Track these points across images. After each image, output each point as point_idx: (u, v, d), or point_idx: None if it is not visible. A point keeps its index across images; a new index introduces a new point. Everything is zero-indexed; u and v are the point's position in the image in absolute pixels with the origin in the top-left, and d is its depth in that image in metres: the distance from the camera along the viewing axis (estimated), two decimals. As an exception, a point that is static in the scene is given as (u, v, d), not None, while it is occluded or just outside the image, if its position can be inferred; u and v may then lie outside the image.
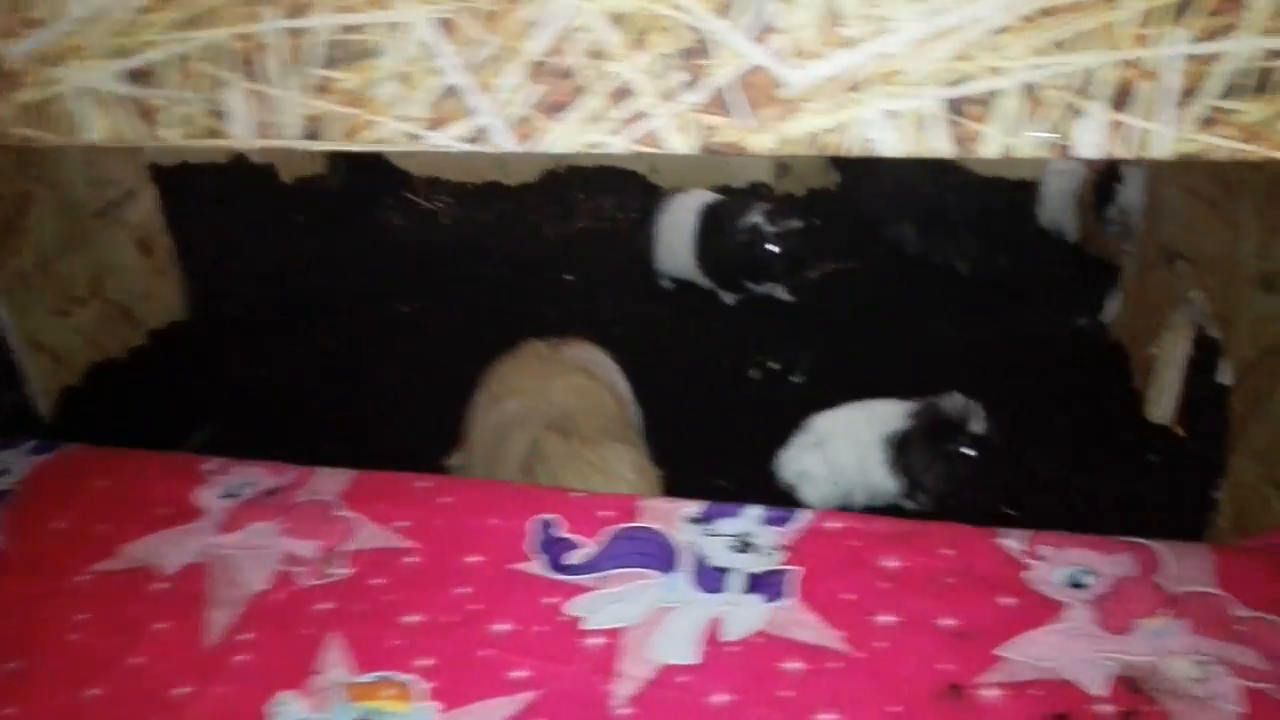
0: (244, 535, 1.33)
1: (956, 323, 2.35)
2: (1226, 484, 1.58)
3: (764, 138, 0.96)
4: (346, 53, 0.98)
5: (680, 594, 1.20)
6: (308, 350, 2.33)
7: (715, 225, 2.33)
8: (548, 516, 1.32)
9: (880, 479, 1.77)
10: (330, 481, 1.41)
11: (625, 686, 1.10)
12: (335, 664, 1.15)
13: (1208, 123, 0.88)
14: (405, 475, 1.42)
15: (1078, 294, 2.37)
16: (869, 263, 2.60)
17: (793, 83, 0.93)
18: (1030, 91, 0.90)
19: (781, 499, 1.84)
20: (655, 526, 1.30)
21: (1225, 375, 1.58)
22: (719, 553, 1.26)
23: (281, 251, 2.74)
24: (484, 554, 1.28)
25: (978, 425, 1.72)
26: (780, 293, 2.39)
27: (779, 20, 0.91)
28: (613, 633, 1.16)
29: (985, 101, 0.91)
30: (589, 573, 1.24)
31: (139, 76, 1.01)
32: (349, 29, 0.97)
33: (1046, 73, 0.89)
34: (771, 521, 1.29)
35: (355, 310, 2.45)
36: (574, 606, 1.20)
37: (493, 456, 1.58)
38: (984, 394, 1.98)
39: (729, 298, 2.46)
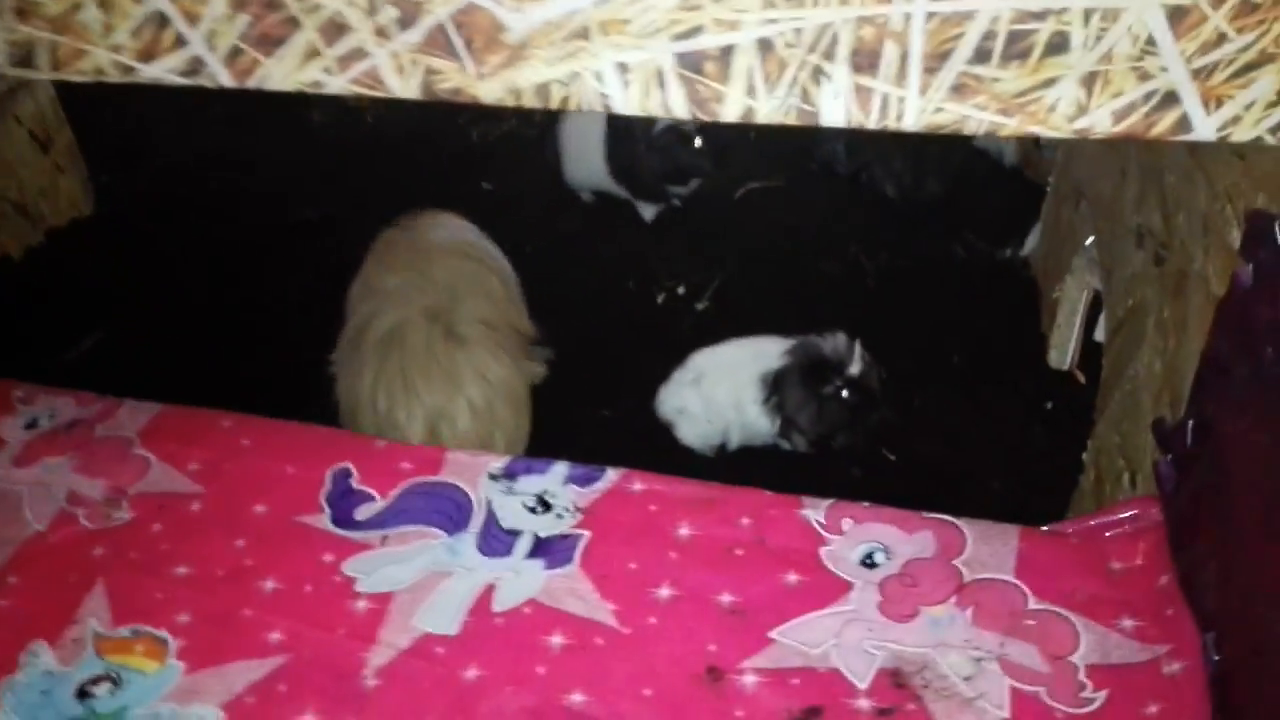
0: (37, 470, 1.29)
1: (876, 250, 2.24)
2: (1091, 446, 1.50)
3: (492, 85, 0.86)
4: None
5: (462, 557, 1.15)
6: (211, 253, 2.25)
7: (627, 129, 2.21)
8: (344, 465, 1.26)
9: (755, 418, 1.71)
10: (133, 417, 1.35)
11: (380, 655, 1.06)
12: (93, 614, 1.11)
13: (959, 90, 0.78)
14: (211, 413, 1.36)
15: (1009, 223, 2.26)
16: (797, 182, 2.48)
17: (514, 27, 0.83)
18: (767, 49, 0.79)
19: (662, 434, 1.79)
20: (455, 481, 1.24)
21: (1100, 330, 1.49)
22: (513, 513, 1.20)
23: (193, 147, 2.63)
24: (271, 504, 1.23)
25: (855, 367, 1.64)
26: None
27: (492, -47, 0.80)
28: (384, 597, 1.12)
29: (720, 59, 0.80)
30: (376, 529, 1.19)
31: None
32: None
33: (781, 28, 0.78)
34: (574, 480, 1.24)
35: (262, 213, 2.37)
36: (351, 565, 1.15)
37: (357, 339, 1.53)
38: (890, 327, 1.92)
39: (648, 211, 2.35)
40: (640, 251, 2.27)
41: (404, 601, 1.11)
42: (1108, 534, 1.12)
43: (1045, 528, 1.15)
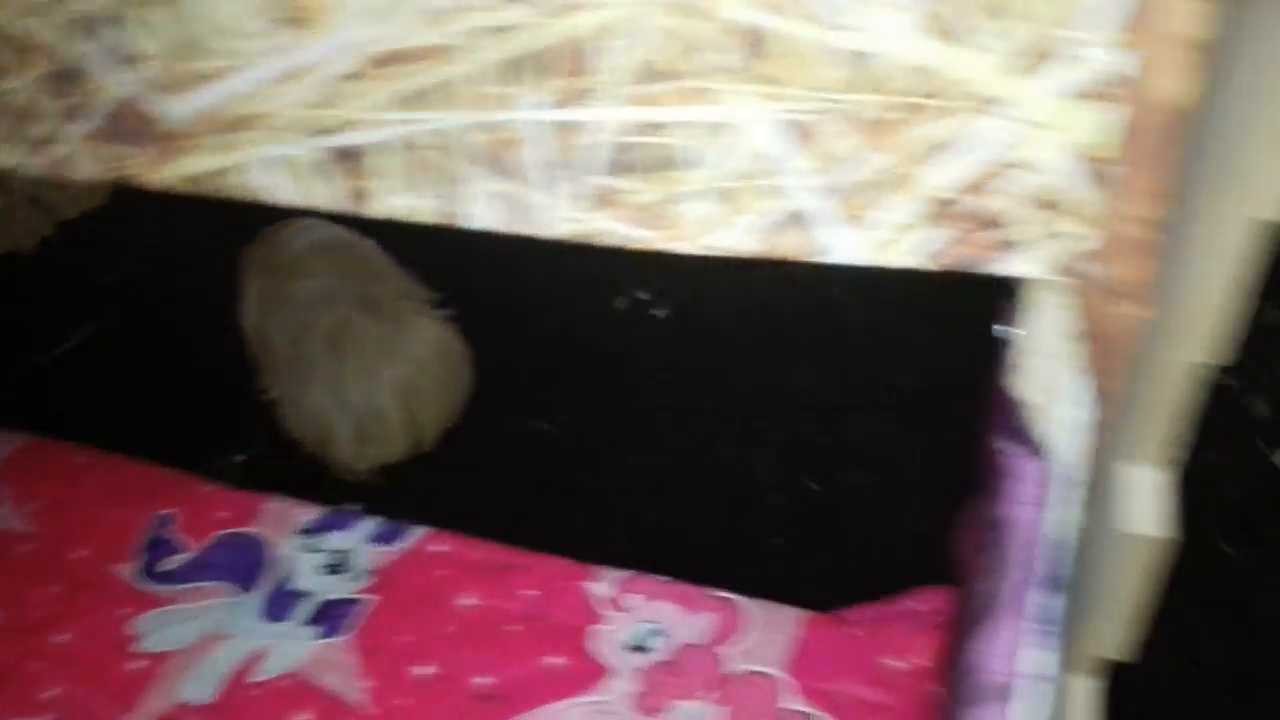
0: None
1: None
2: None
3: (165, 172, 0.84)
4: None
5: (241, 621, 1.15)
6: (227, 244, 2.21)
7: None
8: (169, 512, 1.27)
9: None
10: (-2, 448, 1.39)
11: (137, 720, 1.07)
12: (-100, 661, 1.15)
13: (600, 201, 0.72)
14: (68, 449, 1.39)
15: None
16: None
17: (171, 116, 0.80)
18: (410, 148, 0.75)
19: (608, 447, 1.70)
20: (263, 534, 1.24)
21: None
22: (308, 573, 1.19)
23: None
24: (91, 550, 1.25)
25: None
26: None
27: (140, 44, 0.78)
28: (161, 657, 1.13)
29: (366, 155, 0.77)
30: (175, 583, 1.20)
31: None
32: None
33: (418, 129, 0.74)
34: (380, 538, 1.22)
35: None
36: (139, 622, 1.17)
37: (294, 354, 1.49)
38: (857, 341, 1.81)
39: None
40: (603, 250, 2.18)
41: (176, 664, 1.12)
42: (893, 625, 1.06)
43: (834, 613, 1.09)
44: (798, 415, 1.69)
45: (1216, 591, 1.32)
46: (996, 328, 0.84)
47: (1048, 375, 0.74)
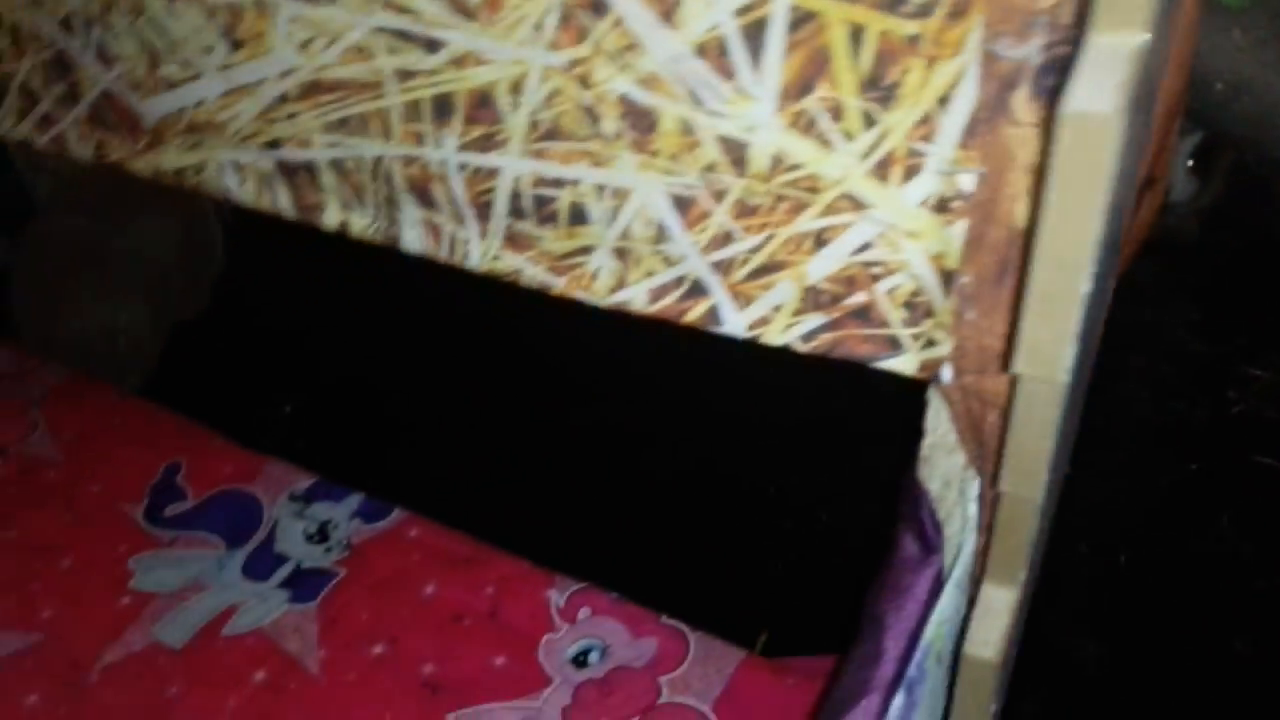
0: (-48, 415, 1.46)
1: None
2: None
3: (143, 161, 0.89)
4: None
5: (225, 574, 1.22)
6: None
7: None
8: (178, 460, 1.35)
9: None
10: (42, 379, 1.50)
11: (113, 653, 1.15)
12: (-78, 565, 1.26)
13: (513, 241, 0.73)
14: (105, 387, 1.49)
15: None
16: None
17: (144, 112, 0.85)
18: (341, 170, 0.78)
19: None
20: (258, 494, 1.30)
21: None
22: (291, 538, 1.25)
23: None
24: (106, 485, 1.34)
25: None
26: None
27: (112, 44, 0.82)
28: (147, 597, 1.20)
29: (306, 172, 0.80)
30: (173, 529, 1.28)
31: None
32: None
33: (345, 152, 0.76)
34: (363, 513, 1.27)
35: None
36: (136, 560, 1.25)
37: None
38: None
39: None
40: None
41: (159, 605, 1.19)
42: (820, 681, 1.04)
43: (778, 660, 1.09)
44: (818, 442, 1.66)
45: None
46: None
47: (947, 470, 0.72)
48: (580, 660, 1.10)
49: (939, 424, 0.71)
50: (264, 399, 1.73)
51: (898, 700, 0.65)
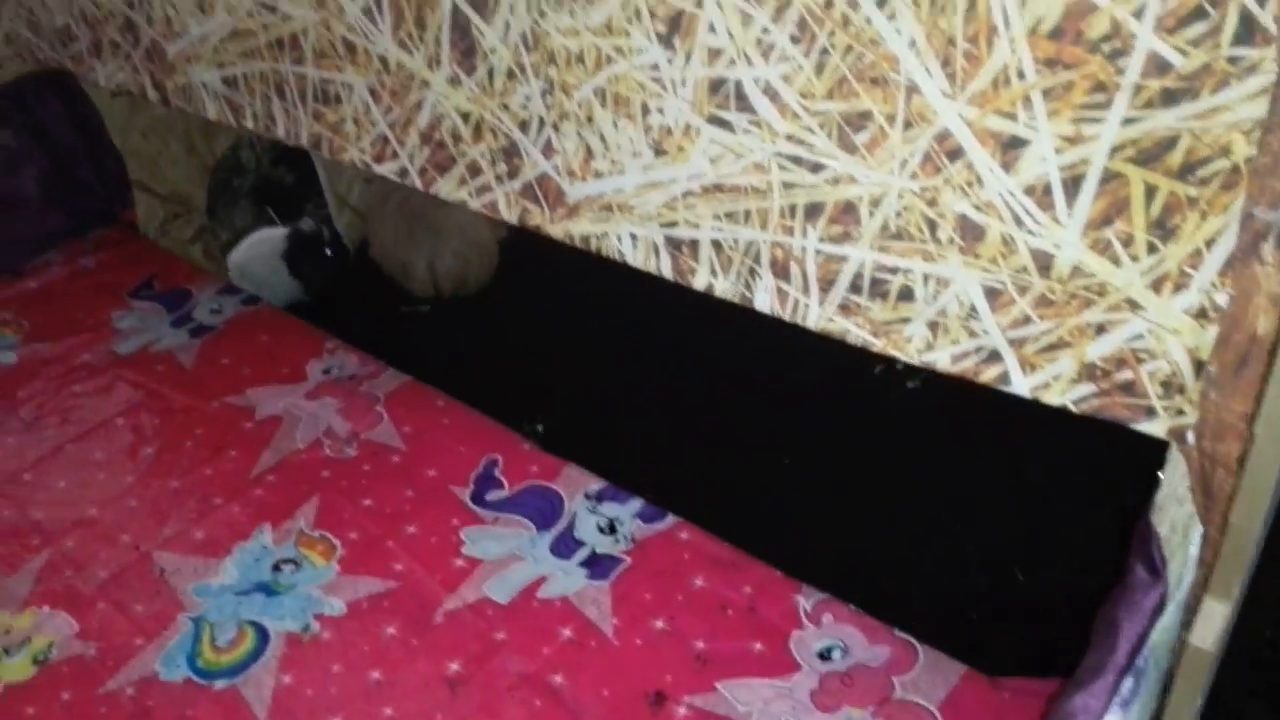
0: (317, 405, 1.83)
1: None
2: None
3: (557, 227, 1.20)
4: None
5: (536, 550, 1.52)
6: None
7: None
8: (495, 456, 1.67)
9: (286, 283, 2.37)
10: (387, 382, 1.86)
11: (452, 602, 1.46)
12: (304, 516, 1.62)
13: (845, 309, 0.99)
14: (436, 392, 1.83)
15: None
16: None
17: (570, 192, 1.16)
18: (719, 248, 1.06)
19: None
20: (560, 490, 1.60)
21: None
22: (587, 528, 1.54)
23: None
24: (439, 471, 1.67)
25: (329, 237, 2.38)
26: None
27: (557, 143, 1.14)
28: (475, 561, 1.51)
29: (692, 245, 1.08)
30: (496, 510, 1.59)
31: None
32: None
33: (726, 235, 1.04)
34: (643, 515, 1.55)
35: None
36: (466, 532, 1.56)
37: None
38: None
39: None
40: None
41: (487, 569, 1.50)
42: (1035, 697, 1.23)
43: (992, 677, 1.28)
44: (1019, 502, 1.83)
45: None
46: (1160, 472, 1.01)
47: (1175, 517, 0.92)
48: (825, 655, 1.33)
49: (1174, 479, 0.91)
50: (516, 415, 2.04)
51: (1127, 683, 0.85)
